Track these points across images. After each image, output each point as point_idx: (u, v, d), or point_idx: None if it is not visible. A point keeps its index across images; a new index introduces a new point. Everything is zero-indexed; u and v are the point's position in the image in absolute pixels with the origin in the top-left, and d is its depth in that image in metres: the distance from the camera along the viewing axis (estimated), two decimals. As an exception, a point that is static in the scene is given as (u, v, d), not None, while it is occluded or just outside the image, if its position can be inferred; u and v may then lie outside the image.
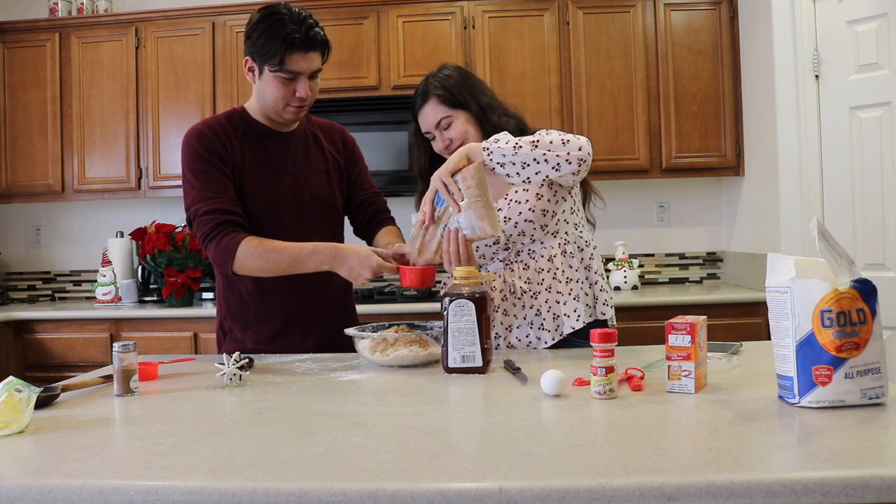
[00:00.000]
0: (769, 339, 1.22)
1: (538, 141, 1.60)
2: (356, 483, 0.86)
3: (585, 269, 1.84)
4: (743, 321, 3.11)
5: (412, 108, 1.90)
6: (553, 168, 1.60)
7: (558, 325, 1.80)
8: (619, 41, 3.54)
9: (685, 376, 1.26)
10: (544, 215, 1.79)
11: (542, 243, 1.82)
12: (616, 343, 1.26)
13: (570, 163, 1.61)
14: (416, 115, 1.89)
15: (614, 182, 3.57)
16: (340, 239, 2.01)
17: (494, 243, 1.82)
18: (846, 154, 2.92)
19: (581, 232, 1.86)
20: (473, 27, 3.55)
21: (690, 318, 1.28)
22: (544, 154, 1.59)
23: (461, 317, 1.49)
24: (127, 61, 3.70)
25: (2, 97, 3.77)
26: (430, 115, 1.85)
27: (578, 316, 1.77)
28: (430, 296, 3.40)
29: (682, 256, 3.91)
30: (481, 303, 1.50)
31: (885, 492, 0.83)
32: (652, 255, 3.90)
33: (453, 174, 1.59)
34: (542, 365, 1.56)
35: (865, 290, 1.13)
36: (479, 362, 1.49)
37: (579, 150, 1.62)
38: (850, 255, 1.18)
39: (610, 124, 3.54)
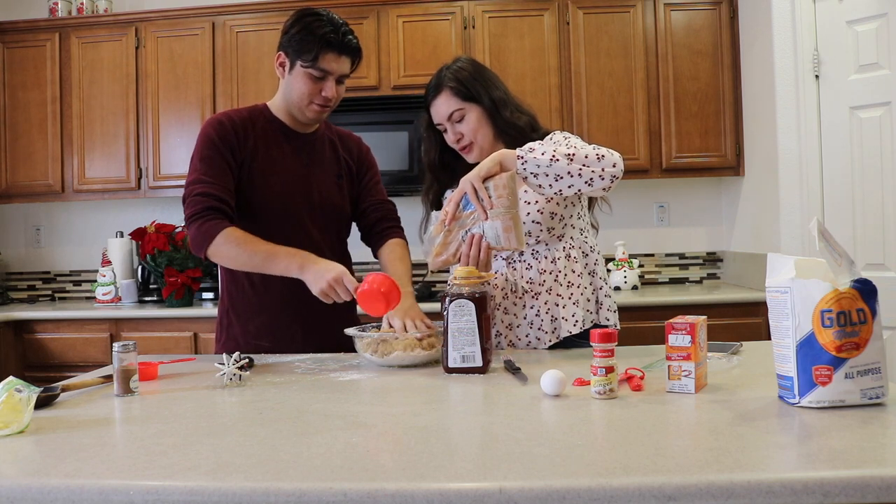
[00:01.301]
0: (769, 339, 1.22)
1: (574, 154, 1.57)
2: (356, 483, 0.86)
3: (590, 274, 1.83)
4: (743, 321, 3.11)
5: (425, 99, 1.89)
6: (586, 183, 1.58)
7: (556, 328, 1.79)
8: (619, 41, 3.54)
9: (685, 376, 1.26)
10: (552, 218, 1.79)
11: (546, 245, 1.81)
12: (616, 343, 1.26)
13: (603, 179, 1.58)
14: (429, 107, 1.88)
15: (614, 182, 3.57)
16: (345, 242, 2.03)
17: (520, 255, 1.82)
18: (846, 154, 2.92)
19: (586, 237, 1.86)
20: (473, 27, 3.55)
21: (690, 318, 1.28)
22: (580, 169, 1.57)
23: (461, 317, 1.49)
24: (127, 61, 3.70)
25: (2, 97, 3.77)
26: (443, 107, 1.84)
27: (577, 321, 1.77)
28: (430, 296, 3.40)
29: (682, 256, 3.91)
30: (481, 303, 1.50)
31: (885, 492, 0.83)
32: (652, 255, 3.90)
33: (484, 180, 1.58)
34: (542, 365, 1.55)
35: (865, 290, 1.13)
36: (479, 362, 1.49)
37: (613, 166, 1.59)
38: (850, 255, 1.18)
39: (610, 124, 3.53)
